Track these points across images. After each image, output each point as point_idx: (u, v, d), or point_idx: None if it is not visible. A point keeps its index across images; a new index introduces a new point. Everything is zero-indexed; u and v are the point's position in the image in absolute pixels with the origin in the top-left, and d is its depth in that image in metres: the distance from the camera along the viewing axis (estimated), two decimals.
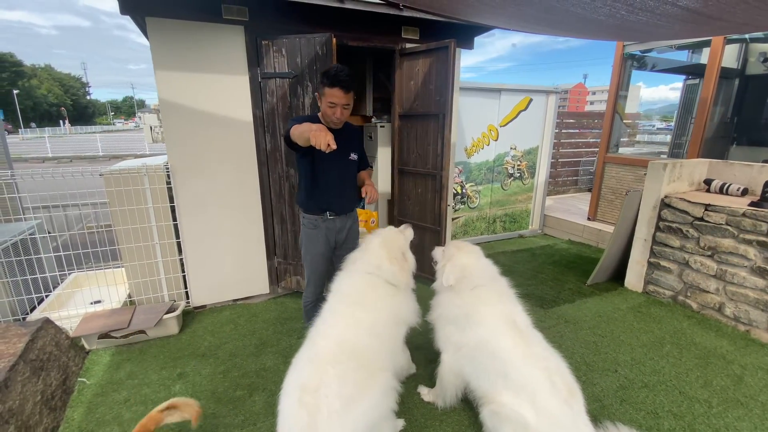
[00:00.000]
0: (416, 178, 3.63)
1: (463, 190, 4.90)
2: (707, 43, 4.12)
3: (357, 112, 4.50)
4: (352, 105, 2.22)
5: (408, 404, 2.17)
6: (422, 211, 3.64)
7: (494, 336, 1.76)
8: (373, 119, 4.25)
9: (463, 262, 1.96)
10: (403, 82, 3.55)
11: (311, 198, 2.32)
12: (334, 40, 2.84)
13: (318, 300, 2.51)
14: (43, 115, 48.72)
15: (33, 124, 38.24)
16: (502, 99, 4.77)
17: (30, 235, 3.13)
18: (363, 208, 2.46)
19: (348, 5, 2.91)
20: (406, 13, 3.12)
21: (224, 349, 2.71)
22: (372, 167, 2.58)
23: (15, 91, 39.06)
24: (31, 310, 2.94)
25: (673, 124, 6.17)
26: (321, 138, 1.74)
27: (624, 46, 4.76)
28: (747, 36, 4.68)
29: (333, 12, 2.98)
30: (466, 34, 3.66)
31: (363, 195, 2.36)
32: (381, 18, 3.18)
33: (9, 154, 3.80)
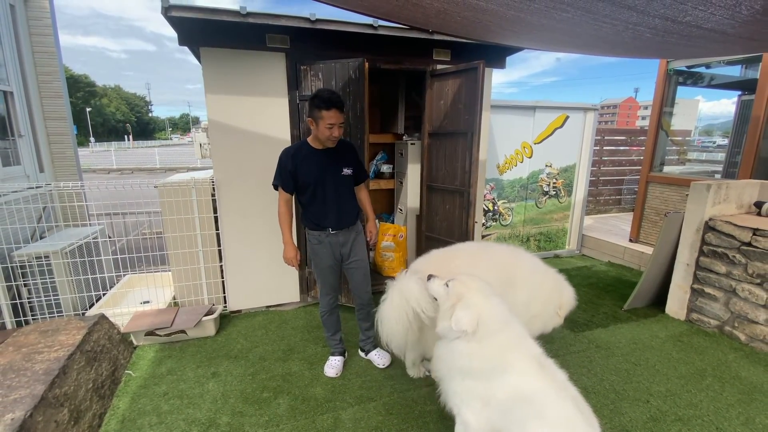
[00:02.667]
0: (444, 194, 3.69)
1: (495, 207, 4.87)
2: (760, 58, 3.89)
3: (389, 130, 4.65)
4: (344, 124, 2.34)
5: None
6: (450, 227, 3.67)
7: (527, 380, 1.58)
8: (404, 137, 4.36)
9: (477, 304, 1.69)
10: (433, 102, 3.65)
11: (311, 215, 2.44)
12: (367, 64, 3.01)
13: (332, 310, 2.61)
14: (111, 131, 53.72)
15: (92, 139, 41.01)
16: (536, 116, 4.74)
17: (93, 239, 3.51)
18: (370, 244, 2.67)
19: (381, 31, 3.07)
20: (437, 37, 3.24)
21: (255, 352, 2.87)
22: (368, 178, 2.67)
23: (88, 109, 43.51)
24: (90, 306, 3.28)
25: (727, 141, 5.79)
26: (288, 261, 2.51)
27: (668, 61, 4.59)
28: None
29: (367, 38, 3.16)
30: (497, 54, 3.72)
31: (367, 238, 2.60)
32: (413, 42, 3.32)
33: (80, 167, 4.29)
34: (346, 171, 2.42)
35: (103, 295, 3.40)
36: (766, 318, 2.77)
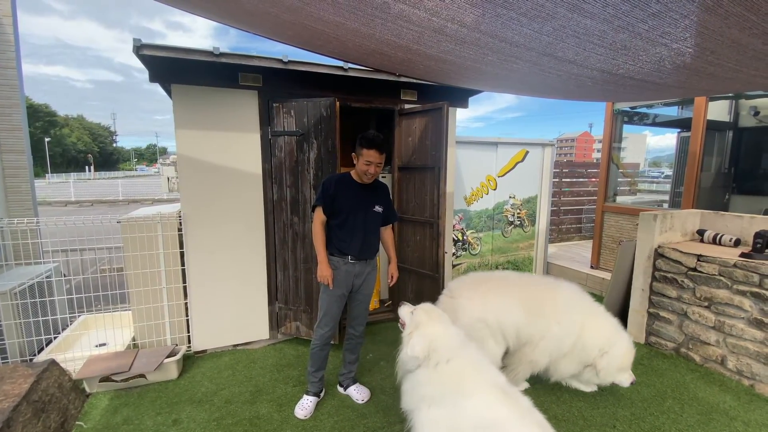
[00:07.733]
0: (415, 225, 3.78)
1: (464, 237, 5.01)
2: (693, 99, 4.35)
3: None
4: (383, 165, 2.51)
5: None
6: (421, 257, 3.74)
7: (489, 407, 1.63)
8: None
9: (431, 333, 1.82)
10: (402, 138, 3.81)
11: (337, 240, 2.53)
12: (338, 103, 3.13)
13: (325, 345, 2.58)
14: (70, 161, 51.53)
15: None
16: (499, 152, 5.02)
17: (47, 278, 3.31)
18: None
19: (351, 73, 3.23)
20: (404, 79, 3.43)
21: (220, 395, 2.74)
22: (397, 220, 2.82)
23: (47, 139, 41.70)
24: (39, 351, 3.04)
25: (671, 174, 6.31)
26: (323, 278, 2.46)
27: (613, 102, 5.03)
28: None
29: (337, 78, 3.31)
30: (460, 95, 3.97)
31: (389, 280, 2.72)
32: (381, 83, 3.49)
33: (36, 201, 4.09)
34: (377, 208, 2.58)
35: (55, 338, 3.17)
36: (717, 339, 2.96)
